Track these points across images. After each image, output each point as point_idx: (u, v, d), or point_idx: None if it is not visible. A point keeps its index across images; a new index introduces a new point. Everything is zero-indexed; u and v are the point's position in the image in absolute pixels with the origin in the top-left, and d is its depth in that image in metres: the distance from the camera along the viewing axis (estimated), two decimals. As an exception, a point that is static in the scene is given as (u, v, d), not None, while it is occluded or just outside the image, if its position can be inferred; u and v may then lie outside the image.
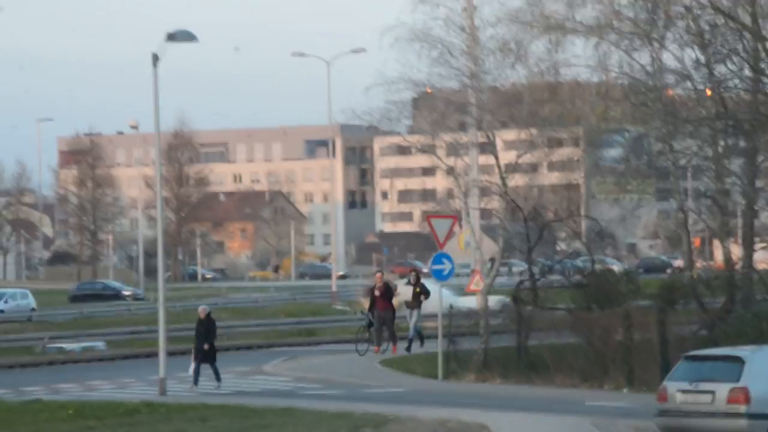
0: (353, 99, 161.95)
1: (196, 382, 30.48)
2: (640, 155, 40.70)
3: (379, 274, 38.30)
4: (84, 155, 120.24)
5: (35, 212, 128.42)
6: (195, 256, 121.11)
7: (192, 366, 30.63)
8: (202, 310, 31.56)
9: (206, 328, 30.54)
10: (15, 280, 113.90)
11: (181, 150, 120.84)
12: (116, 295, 75.77)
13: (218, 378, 30.82)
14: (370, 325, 36.86)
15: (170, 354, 31.07)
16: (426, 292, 36.99)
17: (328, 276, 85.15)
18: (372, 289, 37.01)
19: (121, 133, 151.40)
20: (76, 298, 74.29)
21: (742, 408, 18.93)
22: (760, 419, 18.94)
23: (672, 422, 19.55)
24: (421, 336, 37.35)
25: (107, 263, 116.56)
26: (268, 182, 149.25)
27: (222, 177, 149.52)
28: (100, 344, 43.86)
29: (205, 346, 30.37)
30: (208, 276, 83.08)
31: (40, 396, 28.83)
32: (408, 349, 36.60)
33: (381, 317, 36.22)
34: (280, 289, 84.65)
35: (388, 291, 36.61)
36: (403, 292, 37.04)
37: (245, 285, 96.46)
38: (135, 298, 76.54)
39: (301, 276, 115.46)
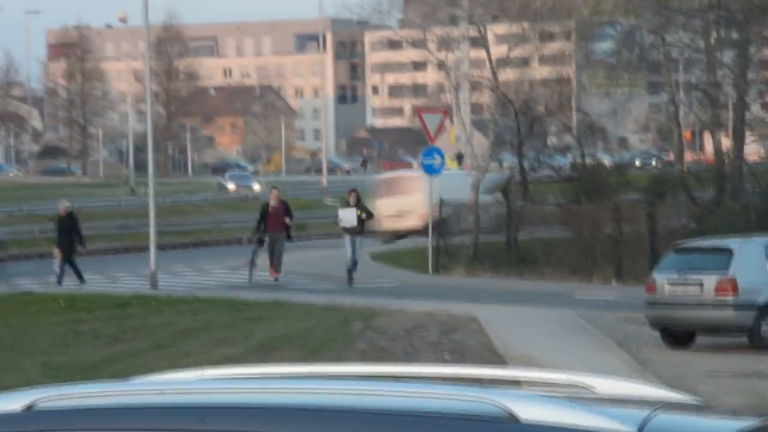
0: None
1: (60, 281, 29.79)
2: (631, 48, 40.46)
3: (275, 191, 31.74)
4: (72, 48, 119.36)
5: (24, 106, 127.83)
6: (185, 151, 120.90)
7: (56, 263, 29.96)
8: (63, 208, 30.70)
9: (69, 226, 30.11)
10: (3, 174, 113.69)
11: (170, 44, 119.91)
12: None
13: (80, 277, 29.76)
14: (260, 244, 31.11)
15: (160, 248, 31.14)
16: (369, 214, 31.45)
17: (332, 171, 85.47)
18: (264, 207, 31.13)
19: (110, 26, 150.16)
20: None
21: (730, 298, 19.04)
22: (747, 309, 19.05)
23: (660, 313, 19.67)
24: (351, 269, 30.46)
25: (97, 157, 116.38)
26: (258, 77, 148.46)
27: (211, 71, 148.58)
28: None
29: (80, 249, 30.06)
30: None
31: (31, 288, 28.95)
32: (350, 280, 30.17)
33: (273, 239, 30.51)
34: (270, 184, 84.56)
35: (285, 211, 30.81)
36: (345, 217, 30.45)
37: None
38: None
39: (307, 170, 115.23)
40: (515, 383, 4.03)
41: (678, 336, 19.83)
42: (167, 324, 21.47)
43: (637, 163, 73.60)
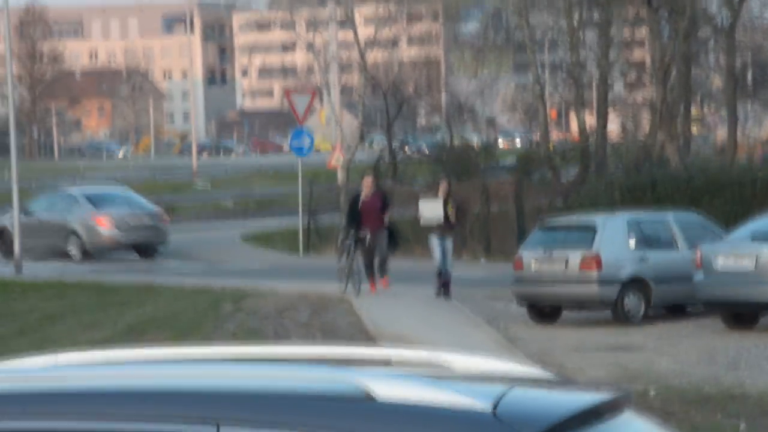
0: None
1: None
2: (497, 29, 40.91)
3: (369, 178, 24.13)
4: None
5: None
6: (51, 134, 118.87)
7: None
8: None
9: None
10: None
11: (33, 26, 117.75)
12: None
13: None
14: (357, 244, 23.15)
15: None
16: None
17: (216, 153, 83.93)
18: (355, 199, 23.66)
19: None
20: None
21: (594, 274, 19.36)
22: (610, 284, 19.40)
23: (527, 289, 19.93)
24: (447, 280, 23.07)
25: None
26: (126, 59, 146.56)
27: (77, 54, 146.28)
28: None
29: None
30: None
31: None
32: (447, 293, 22.85)
33: (372, 240, 23.08)
34: (139, 168, 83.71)
35: (383, 203, 23.46)
36: (428, 211, 22.78)
37: (103, 164, 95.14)
38: None
39: (201, 151, 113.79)
40: (382, 362, 4.04)
41: (544, 312, 20.13)
42: (32, 309, 21.11)
43: (501, 144, 74.53)
